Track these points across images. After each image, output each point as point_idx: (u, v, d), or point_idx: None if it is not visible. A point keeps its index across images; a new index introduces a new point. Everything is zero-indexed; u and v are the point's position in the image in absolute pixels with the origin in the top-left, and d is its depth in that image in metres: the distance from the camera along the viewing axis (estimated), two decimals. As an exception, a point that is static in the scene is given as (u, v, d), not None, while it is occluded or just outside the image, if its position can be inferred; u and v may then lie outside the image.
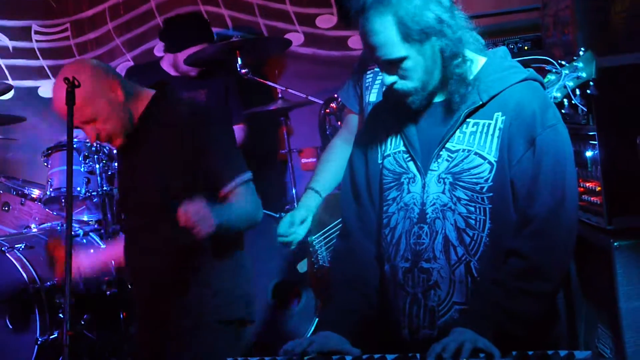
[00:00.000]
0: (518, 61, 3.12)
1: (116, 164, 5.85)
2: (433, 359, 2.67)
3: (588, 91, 3.68)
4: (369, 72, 4.43)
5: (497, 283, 2.88)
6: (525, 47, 4.65)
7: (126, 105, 3.92)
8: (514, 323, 2.85)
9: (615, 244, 3.73)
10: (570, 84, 3.62)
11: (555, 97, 3.59)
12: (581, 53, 3.66)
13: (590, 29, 4.03)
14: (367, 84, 4.44)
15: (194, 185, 3.85)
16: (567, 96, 3.65)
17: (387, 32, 2.89)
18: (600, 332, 3.95)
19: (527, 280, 2.87)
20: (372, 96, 4.38)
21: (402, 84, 2.97)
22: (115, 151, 5.89)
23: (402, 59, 2.92)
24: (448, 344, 2.70)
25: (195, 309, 3.91)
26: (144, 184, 3.95)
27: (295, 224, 4.35)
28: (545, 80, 3.58)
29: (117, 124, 3.91)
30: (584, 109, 3.75)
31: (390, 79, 2.98)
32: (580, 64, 3.62)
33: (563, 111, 3.77)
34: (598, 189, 3.83)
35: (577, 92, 3.66)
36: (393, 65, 2.94)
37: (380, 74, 4.30)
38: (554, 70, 3.62)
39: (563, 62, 3.67)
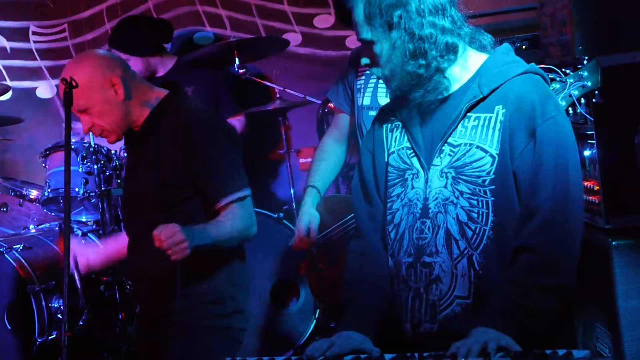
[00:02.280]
0: None
1: (114, 165, 5.85)
2: (462, 356, 2.66)
3: (594, 100, 3.69)
4: (360, 74, 4.44)
5: (512, 281, 2.87)
6: (523, 47, 4.65)
7: (127, 104, 3.88)
8: (535, 320, 2.85)
9: (614, 243, 3.74)
10: (576, 92, 3.62)
11: None
12: (585, 62, 3.66)
13: (588, 28, 4.03)
14: (358, 86, 4.44)
15: (191, 193, 3.85)
16: (572, 105, 3.65)
17: (357, 11, 3.02)
18: (599, 331, 3.96)
19: (542, 275, 2.86)
20: (366, 100, 4.38)
21: (375, 70, 3.08)
22: (113, 152, 5.90)
23: (370, 42, 3.01)
24: (472, 345, 2.68)
25: (187, 313, 3.91)
26: (146, 187, 3.93)
27: (313, 230, 4.36)
28: (550, 88, 3.59)
29: (112, 121, 3.88)
30: (590, 118, 3.76)
31: (364, 60, 3.09)
32: (585, 73, 3.62)
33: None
34: (596, 188, 3.84)
35: (582, 100, 3.67)
36: (365, 47, 3.05)
37: (372, 77, 4.33)
38: (558, 78, 3.62)
39: (567, 71, 3.67)
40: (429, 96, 3.03)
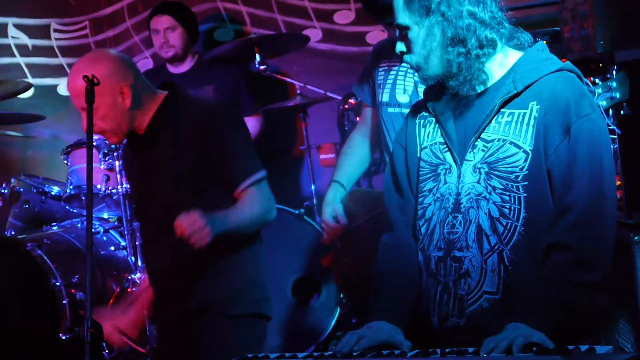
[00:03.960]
0: None
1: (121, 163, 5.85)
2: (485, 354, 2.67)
3: (622, 112, 3.67)
4: (380, 70, 4.44)
5: (547, 279, 2.87)
6: (544, 42, 4.63)
7: (132, 112, 3.88)
8: (571, 316, 2.85)
9: (636, 238, 3.72)
10: (603, 103, 3.61)
11: None
12: (614, 73, 3.64)
13: (609, 22, 4.01)
14: (378, 82, 4.44)
15: (208, 184, 3.86)
16: None
17: None
18: (621, 327, 3.95)
19: (577, 273, 2.87)
20: (385, 96, 4.38)
21: (408, 57, 3.08)
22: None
23: (406, 27, 3.03)
24: (500, 341, 2.69)
25: (216, 304, 3.92)
26: (163, 185, 3.94)
27: (341, 216, 4.36)
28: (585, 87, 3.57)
29: (114, 124, 3.88)
30: (618, 130, 3.74)
31: (399, 47, 3.09)
32: (614, 84, 3.61)
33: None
34: (618, 183, 3.82)
35: (610, 112, 3.65)
36: (401, 33, 3.06)
37: (391, 72, 4.33)
38: (586, 89, 3.61)
39: (596, 81, 3.65)
40: (466, 86, 3.04)
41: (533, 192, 2.95)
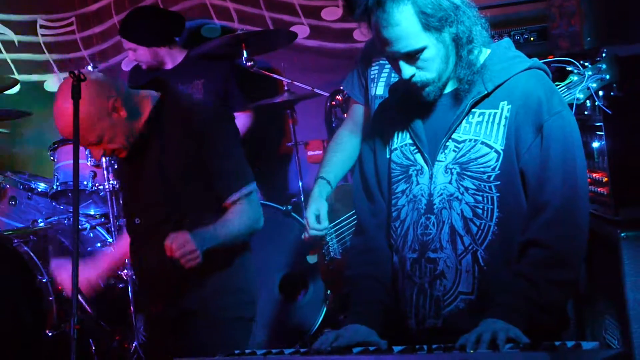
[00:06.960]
0: (544, 63, 3.12)
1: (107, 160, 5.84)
2: (471, 348, 2.67)
3: (612, 93, 3.68)
4: (374, 64, 4.42)
5: (522, 275, 2.88)
6: (531, 39, 4.64)
7: (131, 121, 3.86)
8: (544, 313, 2.86)
9: (622, 234, 3.73)
10: (594, 85, 3.61)
11: (578, 99, 3.58)
12: (604, 55, 3.64)
13: (596, 19, 4.02)
14: (372, 76, 4.43)
15: (202, 187, 3.85)
16: (590, 97, 3.64)
17: (407, 23, 2.89)
18: (608, 323, 3.96)
19: (553, 270, 2.88)
20: (379, 89, 4.37)
21: (420, 76, 2.98)
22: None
23: (421, 50, 2.93)
24: (482, 333, 2.70)
25: (203, 307, 3.91)
26: (150, 188, 3.93)
27: (323, 217, 4.35)
28: (568, 81, 3.58)
29: (122, 140, 3.86)
30: (608, 111, 3.74)
31: (409, 71, 2.97)
32: (604, 66, 3.61)
33: (586, 112, 3.76)
34: (605, 179, 3.83)
35: (601, 94, 3.66)
36: (412, 57, 2.95)
37: (386, 67, 4.30)
38: (576, 71, 3.61)
39: (586, 64, 3.66)
40: (469, 90, 3.02)
41: (506, 191, 2.96)
